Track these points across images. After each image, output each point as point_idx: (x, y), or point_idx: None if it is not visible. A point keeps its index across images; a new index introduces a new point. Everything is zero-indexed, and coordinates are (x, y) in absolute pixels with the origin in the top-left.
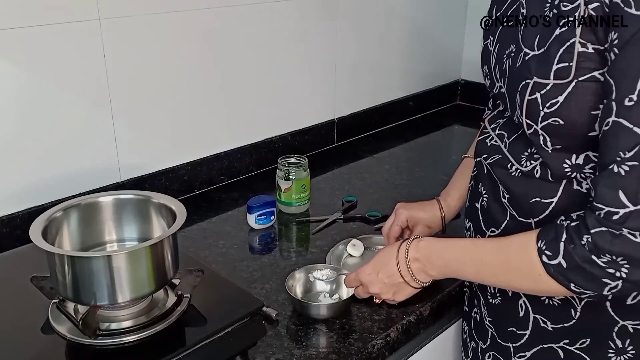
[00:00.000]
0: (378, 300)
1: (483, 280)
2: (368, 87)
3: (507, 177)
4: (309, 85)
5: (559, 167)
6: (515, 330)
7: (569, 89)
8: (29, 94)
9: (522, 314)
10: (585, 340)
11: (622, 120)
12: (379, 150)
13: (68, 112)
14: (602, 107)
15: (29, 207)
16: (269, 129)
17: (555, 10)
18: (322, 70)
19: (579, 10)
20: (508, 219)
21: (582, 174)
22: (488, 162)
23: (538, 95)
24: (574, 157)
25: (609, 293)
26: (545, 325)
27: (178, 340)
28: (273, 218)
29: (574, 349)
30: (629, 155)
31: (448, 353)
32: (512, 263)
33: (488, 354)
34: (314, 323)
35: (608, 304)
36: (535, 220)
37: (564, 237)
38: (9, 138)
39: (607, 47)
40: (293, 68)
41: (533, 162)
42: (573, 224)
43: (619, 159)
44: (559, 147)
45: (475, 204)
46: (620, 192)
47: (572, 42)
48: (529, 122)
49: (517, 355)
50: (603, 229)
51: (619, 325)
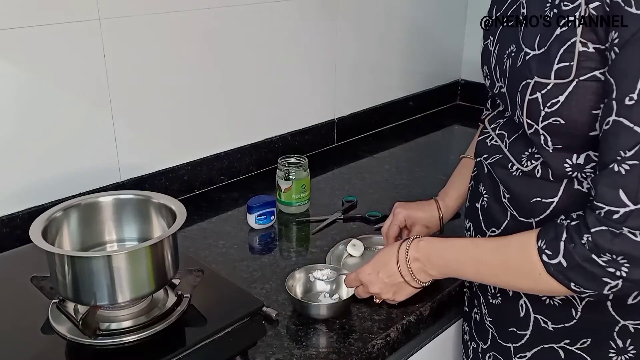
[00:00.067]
0: (378, 300)
1: (483, 280)
2: (368, 87)
3: (507, 177)
4: (309, 85)
5: (560, 166)
6: (516, 331)
7: (570, 89)
8: (29, 94)
9: (522, 314)
10: (586, 340)
11: (622, 120)
12: (379, 150)
13: (68, 112)
14: (602, 106)
15: (29, 207)
16: (269, 129)
17: (556, 10)
18: (322, 70)
19: (580, 10)
20: (508, 219)
21: (583, 174)
22: (488, 162)
23: (539, 95)
24: (575, 156)
25: (609, 292)
26: (546, 326)
27: (178, 340)
28: (273, 218)
29: (575, 349)
30: (630, 155)
31: (448, 353)
32: (512, 262)
33: (488, 354)
34: (314, 323)
35: (609, 304)
36: (536, 220)
37: (564, 236)
38: (9, 138)
39: (607, 46)
40: (293, 68)
41: (534, 161)
42: (573, 223)
43: (620, 158)
44: (560, 146)
45: (476, 204)
46: (621, 191)
47: (572, 41)
48: (530, 121)
49: (517, 356)
50: (603, 228)
51: (620, 325)
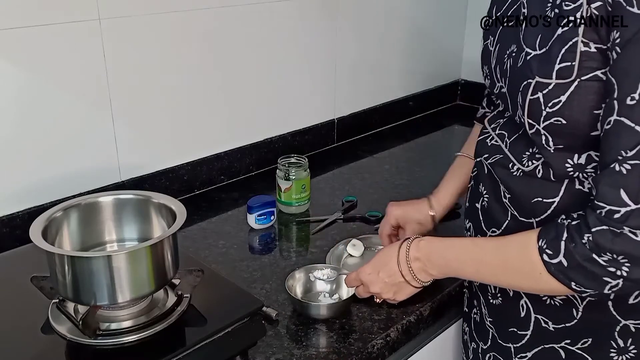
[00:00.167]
0: (378, 300)
1: (483, 280)
2: (368, 87)
3: (508, 177)
4: (309, 85)
5: (561, 166)
6: (516, 331)
7: (572, 89)
8: (29, 94)
9: (523, 314)
10: (587, 340)
11: (623, 119)
12: (379, 150)
13: (68, 112)
14: (603, 106)
15: (29, 207)
16: (269, 129)
17: (557, 10)
18: (322, 70)
19: (582, 10)
20: (509, 219)
21: (584, 174)
22: (489, 162)
23: (540, 95)
24: (576, 156)
25: (610, 291)
26: (547, 326)
27: (178, 340)
28: (273, 218)
29: (576, 349)
30: (631, 154)
31: (448, 353)
32: (512, 262)
33: (489, 355)
34: (314, 323)
35: (610, 304)
36: (537, 220)
37: (565, 236)
38: (9, 138)
39: (609, 46)
40: (293, 68)
41: (535, 161)
42: (574, 223)
43: (621, 158)
44: (561, 146)
45: (476, 204)
46: (622, 190)
47: (574, 41)
48: (531, 122)
49: (518, 356)
50: (604, 228)
51: (621, 325)
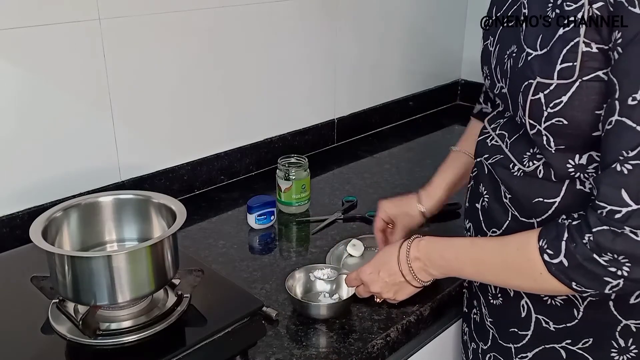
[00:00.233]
0: (379, 300)
1: (484, 280)
2: (368, 87)
3: (509, 177)
4: (309, 85)
5: (563, 167)
6: (517, 331)
7: (573, 89)
8: (29, 94)
9: (524, 315)
10: (588, 340)
11: (625, 120)
12: (379, 150)
13: (68, 112)
14: (605, 106)
15: (29, 207)
16: (269, 129)
17: (558, 10)
18: (322, 70)
19: (583, 10)
20: (510, 219)
21: (585, 174)
22: (489, 162)
23: (541, 96)
24: (577, 157)
25: (611, 291)
26: (548, 326)
27: (178, 340)
28: (273, 218)
29: (577, 349)
30: (632, 155)
31: (448, 353)
32: (512, 262)
33: (489, 355)
34: (314, 323)
35: (611, 304)
36: (538, 220)
37: (566, 236)
38: (9, 138)
39: (611, 46)
40: (293, 68)
41: (536, 162)
42: (574, 223)
43: (622, 158)
44: (562, 147)
45: (476, 205)
46: (623, 190)
47: (576, 41)
48: (532, 122)
49: (518, 356)
50: (605, 228)
51: (622, 325)
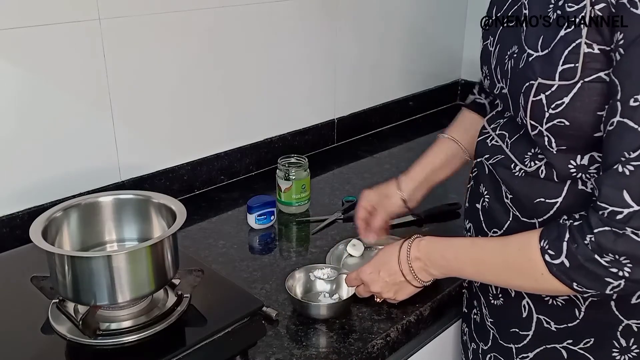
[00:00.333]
0: (379, 299)
1: (484, 280)
2: (368, 87)
3: (510, 177)
4: (309, 85)
5: (564, 167)
6: (518, 331)
7: (575, 90)
8: (29, 94)
9: (525, 315)
10: (589, 340)
11: (626, 121)
12: (379, 150)
13: (68, 112)
14: (606, 107)
15: (29, 207)
16: (269, 129)
17: (560, 11)
18: (322, 70)
19: (585, 11)
20: (511, 220)
21: (587, 174)
22: (489, 162)
23: (543, 97)
24: (579, 157)
25: (612, 292)
26: (549, 326)
27: (178, 340)
28: (273, 218)
29: (578, 349)
30: (634, 156)
31: (448, 353)
32: (513, 262)
33: (489, 355)
34: (314, 323)
35: (612, 304)
36: (539, 221)
37: (567, 236)
38: (9, 138)
39: (612, 47)
40: (293, 68)
41: (537, 162)
42: (576, 224)
43: (624, 159)
44: (564, 148)
45: (476, 205)
46: (625, 191)
47: (578, 42)
48: (534, 123)
49: (519, 356)
50: (606, 229)
51: (623, 325)
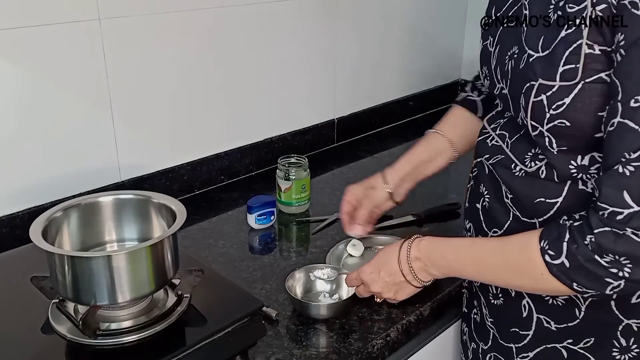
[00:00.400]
0: (379, 299)
1: (484, 280)
2: (368, 87)
3: (510, 177)
4: (309, 85)
5: (565, 168)
6: (518, 331)
7: (576, 91)
8: (29, 94)
9: (525, 314)
10: (590, 340)
11: (627, 122)
12: (379, 150)
13: (68, 112)
14: (607, 108)
15: (29, 207)
16: (269, 129)
17: (560, 12)
18: (322, 70)
19: (586, 12)
20: (511, 220)
21: (587, 175)
22: (489, 162)
23: (544, 97)
24: (580, 158)
25: (612, 292)
26: (549, 325)
27: (178, 340)
28: (273, 218)
29: (578, 349)
30: (634, 156)
31: (448, 353)
32: (513, 262)
33: (489, 355)
34: (314, 323)
35: (612, 303)
36: (540, 221)
37: (567, 237)
38: (9, 138)
39: (613, 48)
40: (293, 68)
41: (538, 162)
42: (576, 224)
43: (624, 160)
44: (565, 148)
45: (476, 205)
46: (625, 192)
47: (579, 43)
48: (534, 123)
49: (519, 356)
50: (606, 229)
51: (624, 324)
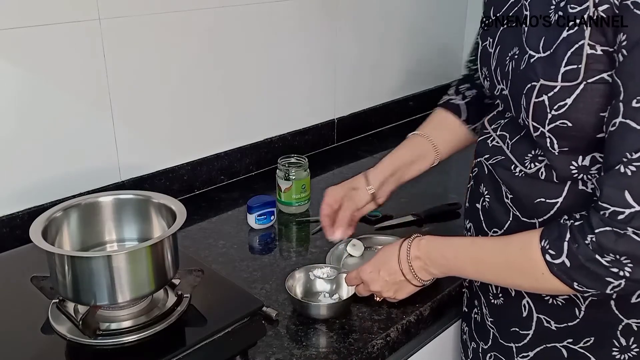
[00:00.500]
0: (379, 299)
1: (484, 279)
2: (368, 87)
3: (510, 178)
4: (309, 85)
5: (566, 168)
6: (518, 331)
7: (578, 91)
8: (29, 94)
9: (525, 314)
10: (589, 339)
11: (629, 122)
12: (379, 150)
13: (68, 112)
14: (609, 108)
15: (29, 207)
16: (269, 129)
17: (561, 12)
18: (322, 70)
19: (588, 12)
20: (511, 220)
21: (588, 175)
22: (489, 162)
23: (545, 98)
24: (581, 158)
25: (612, 291)
26: (549, 325)
27: (178, 340)
28: (273, 218)
29: (578, 348)
30: (636, 156)
31: (448, 353)
32: (514, 262)
33: (489, 355)
34: (314, 323)
35: (612, 303)
36: (540, 221)
37: (568, 236)
38: (9, 138)
39: (615, 48)
40: (293, 68)
41: (537, 164)
42: (577, 224)
43: (626, 160)
44: (566, 149)
45: (476, 205)
46: (626, 192)
47: (581, 44)
48: (536, 124)
49: (520, 356)
50: (607, 229)
51: (623, 324)
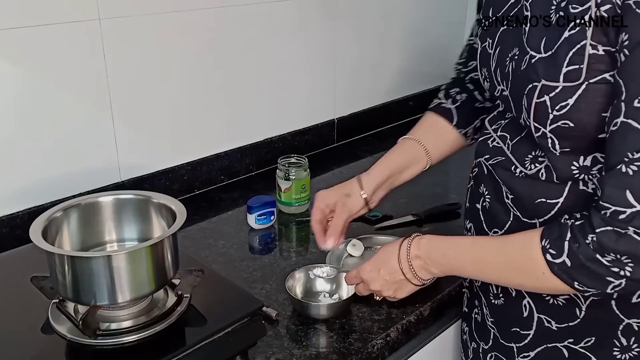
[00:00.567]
0: (378, 298)
1: (485, 278)
2: (368, 87)
3: (510, 178)
4: (309, 85)
5: (567, 169)
6: (519, 330)
7: (579, 91)
8: (29, 94)
9: (526, 314)
10: (590, 339)
11: (630, 121)
12: (379, 150)
13: (68, 112)
14: (610, 107)
15: (29, 207)
16: (269, 129)
17: (562, 13)
18: (322, 70)
19: (590, 12)
20: (512, 220)
21: (589, 175)
22: (489, 163)
23: (547, 98)
24: (582, 158)
25: (613, 291)
26: (550, 325)
27: (178, 340)
28: (273, 218)
29: (579, 348)
30: (637, 156)
31: (448, 353)
32: (514, 261)
33: (490, 355)
34: (314, 323)
35: (613, 303)
36: (540, 221)
37: (569, 236)
38: (9, 138)
39: (617, 48)
40: (293, 68)
41: (538, 165)
42: (577, 223)
43: (627, 160)
44: (568, 149)
45: (476, 205)
46: (628, 191)
47: (582, 44)
48: (537, 125)
49: (520, 356)
50: (608, 229)
51: (624, 324)
